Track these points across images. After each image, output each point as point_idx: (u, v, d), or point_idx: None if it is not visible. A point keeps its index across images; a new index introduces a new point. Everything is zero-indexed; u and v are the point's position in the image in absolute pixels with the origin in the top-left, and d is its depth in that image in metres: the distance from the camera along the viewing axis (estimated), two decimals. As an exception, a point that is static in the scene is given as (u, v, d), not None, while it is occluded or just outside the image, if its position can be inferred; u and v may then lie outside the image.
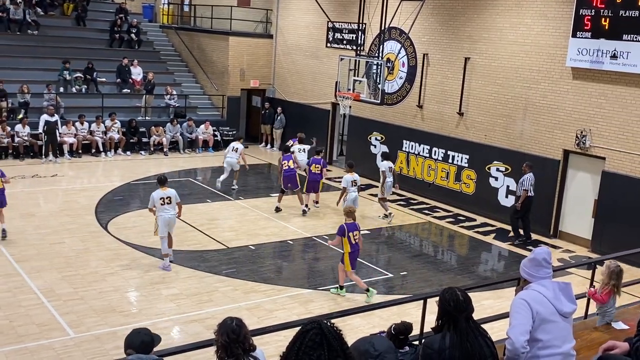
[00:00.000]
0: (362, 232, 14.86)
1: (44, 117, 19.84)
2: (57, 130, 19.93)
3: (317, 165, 16.16)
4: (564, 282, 4.45)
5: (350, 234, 10.91)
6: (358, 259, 11.45)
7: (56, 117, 20.10)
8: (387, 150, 18.42)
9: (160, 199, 11.82)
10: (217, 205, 16.53)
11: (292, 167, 16.18)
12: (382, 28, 17.76)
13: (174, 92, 23.82)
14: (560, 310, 4.28)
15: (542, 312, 4.23)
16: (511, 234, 15.51)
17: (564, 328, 4.32)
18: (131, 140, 21.77)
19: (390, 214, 16.08)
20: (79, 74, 22.47)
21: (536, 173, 15.77)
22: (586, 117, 14.83)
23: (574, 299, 4.42)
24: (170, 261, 12.11)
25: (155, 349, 5.06)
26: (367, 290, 11.17)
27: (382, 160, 16.96)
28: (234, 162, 17.69)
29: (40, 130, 19.81)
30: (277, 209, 16.16)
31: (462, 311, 4.01)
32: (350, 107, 18.06)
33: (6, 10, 23.61)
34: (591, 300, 8.08)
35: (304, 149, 17.85)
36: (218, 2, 25.77)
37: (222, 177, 17.82)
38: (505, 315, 7.17)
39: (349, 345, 3.75)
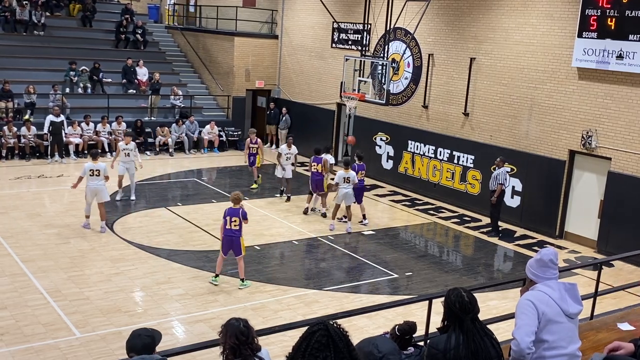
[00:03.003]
0: (366, 233, 14.96)
1: (50, 117, 19.92)
2: (62, 131, 19.98)
3: (362, 172, 15.73)
4: (570, 282, 4.45)
5: (228, 217, 11.10)
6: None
7: (62, 118, 20.15)
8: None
9: (90, 170, 13.64)
10: (223, 205, 16.46)
11: (320, 170, 16.02)
12: (387, 28, 17.73)
13: (180, 93, 23.87)
14: (566, 311, 4.27)
15: (548, 313, 4.22)
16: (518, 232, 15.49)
17: (569, 329, 4.32)
18: (137, 141, 21.79)
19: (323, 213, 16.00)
20: (84, 67, 22.51)
21: (542, 173, 15.78)
22: (592, 117, 14.80)
23: (580, 300, 4.41)
24: (102, 231, 13.76)
25: (160, 349, 5.06)
26: (216, 276, 11.44)
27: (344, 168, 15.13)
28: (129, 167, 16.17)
29: (45, 130, 19.89)
30: (306, 211, 16.18)
31: (468, 312, 4.02)
32: (355, 107, 18.05)
33: (12, 11, 23.71)
34: (597, 301, 8.06)
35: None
36: (223, 2, 25.81)
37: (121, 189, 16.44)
38: (511, 316, 7.16)
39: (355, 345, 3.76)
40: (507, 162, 15.62)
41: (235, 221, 11.10)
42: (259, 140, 18.44)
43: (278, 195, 17.62)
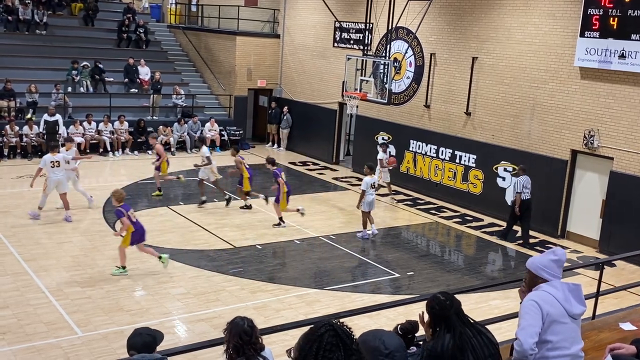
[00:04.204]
0: (368, 232, 14.92)
1: (44, 116, 19.99)
2: (56, 130, 19.90)
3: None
4: (573, 283, 4.43)
5: (129, 213, 11.35)
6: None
7: (55, 118, 20.04)
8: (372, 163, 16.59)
9: (51, 162, 13.98)
10: (224, 204, 16.53)
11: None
12: (389, 28, 17.73)
13: (182, 92, 23.87)
14: (569, 311, 4.26)
15: (553, 314, 4.21)
16: (519, 233, 15.39)
17: (573, 329, 4.31)
18: (139, 140, 21.84)
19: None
20: (86, 63, 22.53)
21: (544, 173, 15.74)
22: (594, 117, 14.78)
23: (583, 301, 4.39)
24: (68, 220, 14.14)
25: (161, 348, 5.06)
26: (160, 257, 11.63)
27: (368, 175, 14.70)
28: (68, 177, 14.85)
29: (40, 129, 19.91)
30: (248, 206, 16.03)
31: (448, 308, 4.08)
32: (357, 106, 18.06)
33: (15, 11, 23.73)
34: (599, 301, 8.05)
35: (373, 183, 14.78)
36: (225, 2, 25.80)
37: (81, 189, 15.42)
38: (512, 316, 7.16)
39: (358, 337, 3.76)
40: (524, 169, 14.87)
41: (132, 213, 11.50)
42: (157, 145, 17.07)
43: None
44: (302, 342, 3.18)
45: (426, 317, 4.33)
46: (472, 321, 4.15)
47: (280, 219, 14.95)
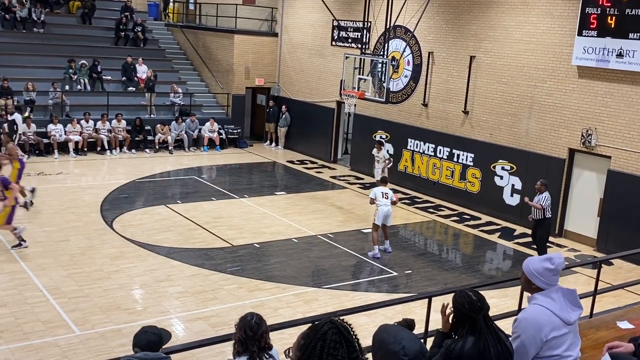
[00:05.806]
0: (366, 231, 14.94)
1: (8, 115, 19.90)
2: (14, 129, 19.45)
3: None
4: (568, 288, 4.34)
5: None
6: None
7: (13, 117, 19.49)
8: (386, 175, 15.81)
9: None
10: (222, 203, 16.54)
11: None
12: (388, 26, 17.73)
13: (180, 90, 23.85)
14: (567, 321, 4.20)
15: (551, 333, 4.15)
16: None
17: (572, 336, 4.27)
18: (136, 139, 21.81)
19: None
20: (83, 61, 22.49)
21: (542, 172, 15.74)
22: (592, 115, 14.80)
23: (579, 303, 4.31)
24: None
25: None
26: None
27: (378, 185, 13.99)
28: None
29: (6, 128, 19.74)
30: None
31: (477, 311, 3.95)
32: (355, 105, 18.05)
33: (12, 9, 23.68)
34: (596, 300, 8.07)
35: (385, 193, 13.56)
36: (223, 0, 25.77)
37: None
38: (511, 314, 7.17)
39: (376, 332, 3.76)
40: (547, 185, 13.28)
41: None
42: None
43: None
44: (304, 341, 3.15)
45: (450, 309, 4.18)
46: (494, 327, 4.05)
47: None
